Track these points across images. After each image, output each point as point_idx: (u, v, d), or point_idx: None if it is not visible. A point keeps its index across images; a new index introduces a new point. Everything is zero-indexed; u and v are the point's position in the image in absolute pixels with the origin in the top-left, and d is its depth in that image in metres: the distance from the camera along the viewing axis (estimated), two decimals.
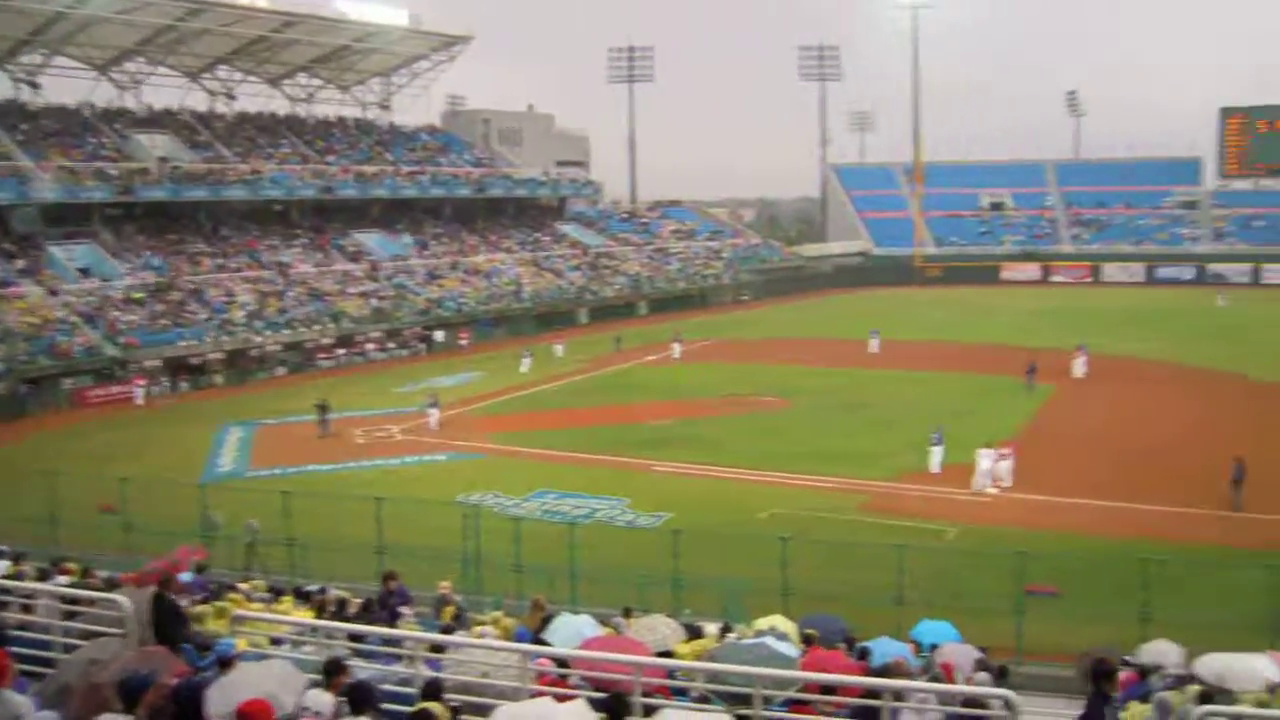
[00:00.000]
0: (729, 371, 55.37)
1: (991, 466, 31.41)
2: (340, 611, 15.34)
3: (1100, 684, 8.48)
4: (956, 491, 31.24)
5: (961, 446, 32.71)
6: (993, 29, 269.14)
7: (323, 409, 42.60)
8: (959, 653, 13.92)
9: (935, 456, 33.38)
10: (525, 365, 56.63)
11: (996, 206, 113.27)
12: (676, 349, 60.65)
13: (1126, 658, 15.97)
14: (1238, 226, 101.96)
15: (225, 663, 9.48)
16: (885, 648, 13.81)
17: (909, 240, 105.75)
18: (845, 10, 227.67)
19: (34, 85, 72.65)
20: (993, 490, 31.13)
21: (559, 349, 61.02)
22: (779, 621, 15.23)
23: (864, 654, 13.28)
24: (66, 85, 75.40)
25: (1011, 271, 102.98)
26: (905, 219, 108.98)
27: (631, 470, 34.98)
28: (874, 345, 58.88)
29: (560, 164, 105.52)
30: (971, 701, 10.16)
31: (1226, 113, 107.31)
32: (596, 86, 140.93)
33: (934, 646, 14.80)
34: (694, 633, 14.71)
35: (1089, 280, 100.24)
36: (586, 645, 11.77)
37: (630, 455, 36.81)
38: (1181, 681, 13.28)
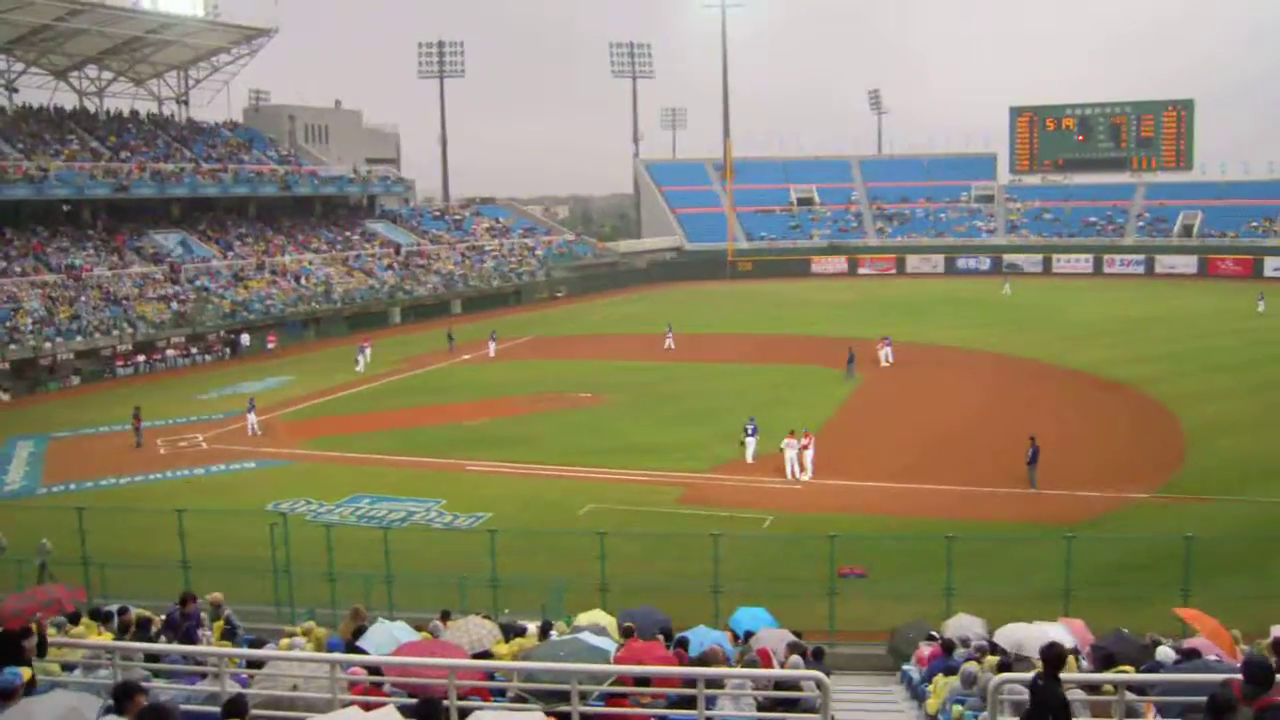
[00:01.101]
0: (544, 369, 55.24)
1: (796, 455, 32.28)
2: (143, 631, 14.60)
3: (1051, 668, 8.93)
4: (771, 480, 31.96)
5: (776, 437, 33.40)
6: (800, 29, 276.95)
7: (136, 417, 40.72)
8: (774, 638, 14.18)
9: (750, 447, 34.06)
10: (361, 364, 55.73)
11: (805, 202, 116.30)
12: (492, 347, 60.21)
13: (932, 632, 16.64)
14: (1029, 219, 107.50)
15: (6, 695, 8.88)
16: (702, 637, 13.95)
17: (721, 235, 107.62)
18: (656, 8, 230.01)
19: None
20: (804, 477, 31.96)
21: (366, 350, 58.95)
22: (598, 616, 15.28)
23: (682, 644, 13.38)
24: None
25: (821, 264, 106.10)
26: (717, 214, 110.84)
27: (448, 471, 34.53)
28: (669, 342, 59.52)
29: (370, 161, 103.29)
30: (785, 684, 10.35)
31: (1016, 112, 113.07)
32: (406, 82, 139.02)
33: (750, 633, 15.05)
34: (515, 632, 14.59)
35: (893, 271, 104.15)
36: (400, 651, 11.53)
37: (446, 456, 36.34)
38: (984, 652, 13.86)
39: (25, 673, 10.14)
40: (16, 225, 69.09)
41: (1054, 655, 8.99)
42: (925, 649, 15.68)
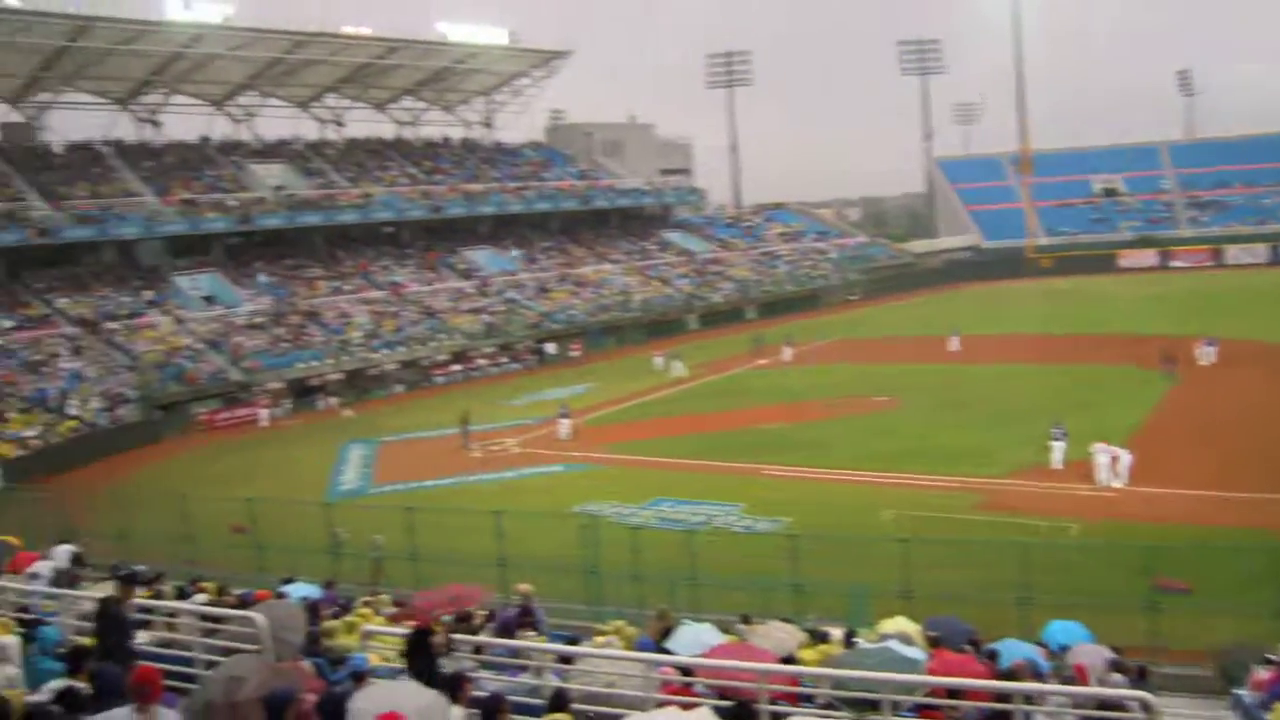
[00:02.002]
0: (839, 372, 54.90)
1: (1109, 461, 30.62)
2: (466, 625, 15.58)
3: None
4: (1078, 487, 30.50)
5: (1083, 440, 31.88)
6: (1097, 12, 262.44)
7: (464, 421, 43.48)
8: (1091, 654, 13.59)
9: (1056, 452, 32.63)
10: (678, 369, 57.13)
11: (1109, 192, 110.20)
12: (787, 352, 60.35)
13: (1269, 655, 15.47)
14: None
15: (358, 677, 9.76)
16: (1013, 649, 13.56)
17: (1020, 232, 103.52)
18: (945, 2, 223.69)
19: (155, 123, 75.88)
20: (1116, 484, 30.34)
21: (659, 361, 60.21)
22: (903, 624, 15.05)
23: (992, 656, 13.07)
24: (185, 122, 78.88)
25: (1129, 259, 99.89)
26: (1015, 210, 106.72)
27: (747, 475, 34.89)
28: (954, 344, 57.72)
29: (663, 172, 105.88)
30: (1107, 704, 9.97)
31: None
32: (696, 93, 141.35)
33: (1064, 648, 14.49)
34: (819, 638, 14.63)
35: (1210, 264, 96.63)
36: (711, 653, 11.82)
37: (745, 460, 36.72)
38: None
39: (371, 657, 11.16)
40: (346, 247, 75.18)
41: None
42: (1262, 673, 14.62)
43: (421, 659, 9.44)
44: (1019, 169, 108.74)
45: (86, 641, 10.38)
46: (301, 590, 17.58)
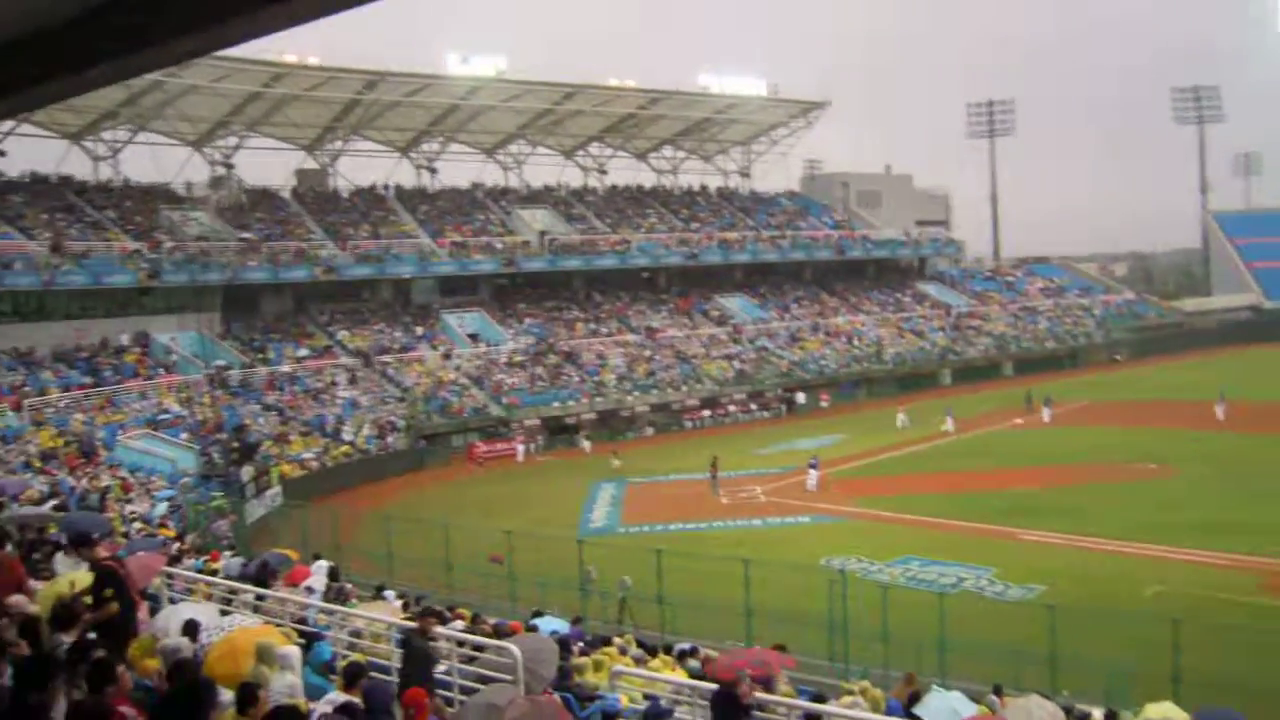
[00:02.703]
0: (1101, 435, 52.26)
1: None
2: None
3: None
4: None
5: None
6: None
7: (713, 467, 43.99)
8: None
9: None
10: (948, 424, 55.93)
11: None
12: (1046, 412, 57.94)
13: None
14: None
15: (610, 717, 9.97)
16: None
17: None
18: (1225, 47, 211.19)
19: (432, 170, 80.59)
20: None
21: (902, 418, 58.38)
22: (1170, 711, 14.14)
23: None
24: (458, 168, 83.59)
25: None
26: None
27: (1001, 538, 33.63)
28: (1220, 411, 53.72)
29: (920, 223, 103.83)
30: None
31: None
32: (955, 143, 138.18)
33: None
34: (1078, 718, 13.92)
35: None
36: None
37: (998, 523, 35.40)
38: None
39: (624, 700, 11.37)
40: (604, 291, 77.36)
41: None
42: None
43: (728, 714, 9.56)
44: None
45: (359, 657, 11.01)
46: (550, 624, 18.03)
